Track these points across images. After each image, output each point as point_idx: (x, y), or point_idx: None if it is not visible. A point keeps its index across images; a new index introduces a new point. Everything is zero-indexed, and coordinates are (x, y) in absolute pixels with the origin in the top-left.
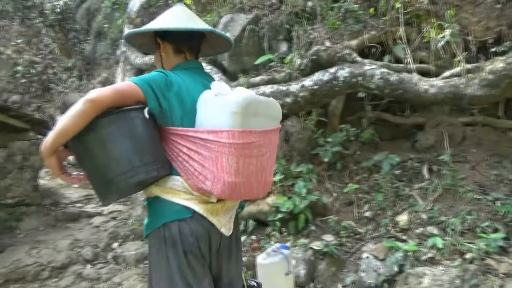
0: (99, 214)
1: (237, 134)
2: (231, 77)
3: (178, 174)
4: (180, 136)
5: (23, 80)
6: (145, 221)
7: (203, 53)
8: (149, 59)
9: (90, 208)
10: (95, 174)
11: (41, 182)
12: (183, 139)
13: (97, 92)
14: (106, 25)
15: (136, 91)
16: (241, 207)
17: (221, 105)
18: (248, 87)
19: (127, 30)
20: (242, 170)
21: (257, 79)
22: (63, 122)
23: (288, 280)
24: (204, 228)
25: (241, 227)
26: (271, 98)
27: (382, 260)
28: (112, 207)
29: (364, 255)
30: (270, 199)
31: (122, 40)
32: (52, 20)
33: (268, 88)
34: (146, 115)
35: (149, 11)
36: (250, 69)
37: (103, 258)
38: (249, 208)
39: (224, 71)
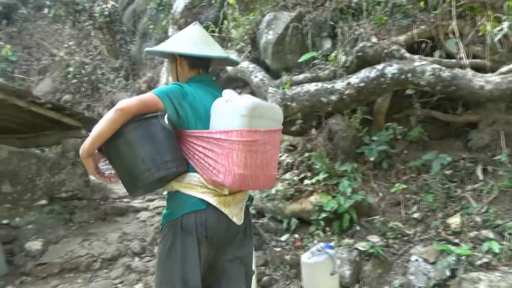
0: (145, 209)
1: (245, 133)
2: (273, 75)
3: (194, 171)
4: (196, 138)
5: (74, 81)
6: (164, 212)
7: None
8: None
9: (136, 203)
10: (124, 172)
11: (92, 177)
12: (198, 139)
13: (126, 102)
14: (151, 26)
15: (157, 102)
16: (250, 200)
17: (231, 110)
18: (291, 85)
19: (171, 31)
20: (249, 164)
21: (300, 76)
22: (99, 128)
23: (333, 280)
24: (216, 217)
25: (284, 225)
26: (274, 104)
27: (433, 263)
28: (157, 203)
29: (413, 257)
30: (314, 198)
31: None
32: (100, 23)
33: (312, 86)
34: (166, 121)
35: (193, 11)
36: (293, 67)
37: (150, 252)
38: (292, 207)
39: (266, 69)
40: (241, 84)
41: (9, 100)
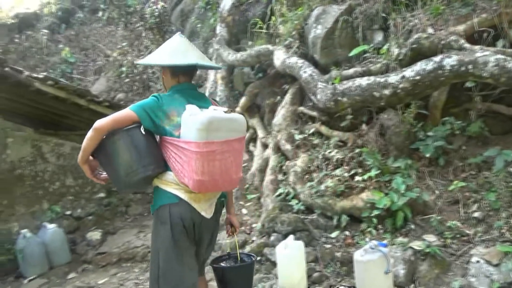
0: None
1: (202, 144)
2: (322, 70)
3: (170, 170)
4: (170, 143)
5: (127, 80)
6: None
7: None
8: (240, 55)
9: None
10: (112, 175)
11: None
12: (172, 145)
13: (100, 122)
14: (199, 25)
15: (132, 116)
16: (224, 196)
17: (192, 123)
18: (341, 80)
19: (219, 29)
20: (207, 171)
21: (351, 71)
22: (83, 143)
23: (387, 279)
24: (188, 211)
25: (334, 222)
26: (236, 115)
27: (496, 265)
28: None
29: (474, 259)
30: (365, 195)
31: (214, 39)
32: (151, 24)
33: (364, 80)
34: (142, 132)
35: (240, 8)
36: (343, 61)
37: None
38: (342, 203)
39: (315, 64)
40: (289, 80)
41: (71, 99)
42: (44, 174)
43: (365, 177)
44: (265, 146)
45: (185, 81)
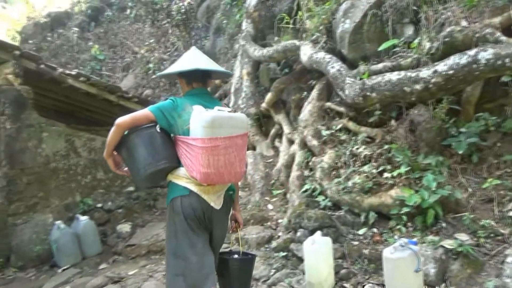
0: None
1: (206, 140)
2: (350, 65)
3: (183, 166)
4: (182, 141)
5: (154, 76)
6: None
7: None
8: (267, 51)
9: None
10: (131, 168)
11: None
12: (183, 143)
13: (120, 120)
14: (224, 21)
15: (150, 116)
16: (232, 190)
17: (198, 121)
18: (369, 75)
19: (245, 25)
20: (212, 164)
21: (379, 66)
22: (107, 138)
23: (417, 277)
24: (198, 201)
25: (362, 218)
26: (238, 113)
27: None
28: None
29: (509, 259)
30: (394, 192)
31: (240, 35)
32: (177, 20)
33: (394, 75)
34: (158, 130)
35: (266, 4)
36: (371, 56)
37: (228, 239)
38: (370, 200)
39: (342, 59)
40: (315, 75)
41: (102, 95)
42: (76, 167)
43: (394, 173)
44: (291, 142)
45: (198, 86)
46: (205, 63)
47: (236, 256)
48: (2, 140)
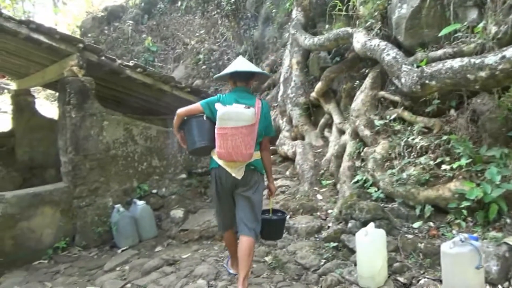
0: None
1: (219, 128)
2: (406, 52)
3: None
4: (218, 129)
5: (204, 67)
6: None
7: (256, 79)
8: (318, 39)
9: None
10: (187, 142)
11: None
12: (218, 130)
13: (179, 110)
14: (273, 10)
15: (199, 108)
16: (251, 165)
17: (217, 114)
18: (427, 62)
19: (295, 13)
20: (223, 146)
21: (439, 52)
22: (174, 120)
23: (477, 274)
24: (224, 172)
25: (417, 211)
26: (246, 110)
27: None
28: (280, 182)
29: None
30: (453, 185)
31: (290, 24)
32: (227, 11)
33: (456, 62)
34: (204, 118)
35: None
36: (430, 42)
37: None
38: (427, 193)
39: (398, 46)
40: (368, 63)
41: (157, 85)
42: (134, 155)
43: (454, 166)
44: (341, 132)
45: (241, 85)
46: (245, 67)
47: (268, 215)
48: (68, 128)
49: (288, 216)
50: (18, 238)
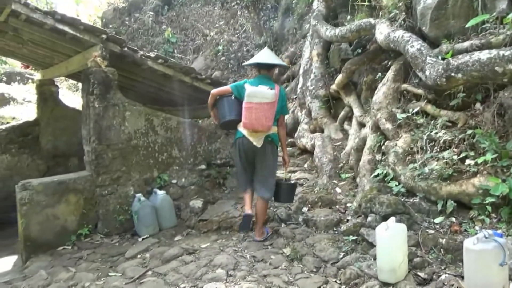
0: (288, 179)
1: (245, 103)
2: (431, 44)
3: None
4: (245, 104)
5: (223, 58)
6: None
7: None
8: (339, 30)
9: (279, 173)
10: (219, 117)
11: None
12: (245, 105)
13: (213, 91)
14: (294, 1)
15: (229, 89)
16: (269, 137)
17: (245, 93)
18: (453, 54)
19: (316, 4)
20: (248, 117)
21: (465, 44)
22: (208, 99)
23: (501, 271)
24: (246, 141)
25: (439, 207)
26: (268, 90)
27: None
28: (298, 174)
29: None
30: (477, 180)
31: (311, 15)
32: (246, 1)
33: (484, 54)
34: (232, 98)
35: None
36: (456, 33)
37: (295, 220)
38: (449, 188)
39: (423, 38)
40: (391, 55)
41: (177, 76)
42: (154, 145)
43: (479, 161)
44: (361, 125)
45: (263, 73)
46: (267, 58)
47: (283, 181)
48: (92, 118)
49: (298, 184)
50: (43, 224)
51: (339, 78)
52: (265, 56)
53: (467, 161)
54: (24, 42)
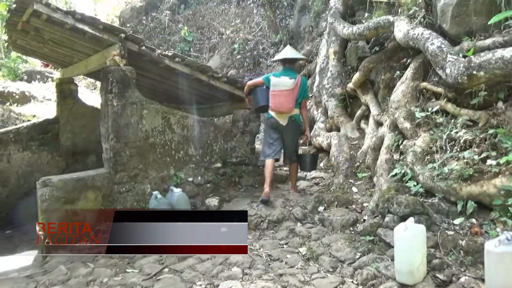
0: (303, 178)
1: (271, 91)
2: (451, 41)
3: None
4: (271, 91)
5: (238, 56)
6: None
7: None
8: (357, 28)
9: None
10: (253, 103)
11: (257, 146)
12: (270, 93)
13: (249, 82)
14: None
15: (261, 81)
16: (292, 117)
17: (271, 83)
18: (474, 52)
19: (333, 2)
20: (273, 102)
21: (487, 41)
22: (244, 89)
23: None
24: (275, 120)
25: (458, 207)
26: (287, 79)
27: None
28: (314, 173)
29: None
30: (499, 181)
31: (327, 12)
32: (263, 0)
33: (508, 52)
34: (264, 87)
35: None
36: (478, 30)
37: (311, 219)
38: (470, 188)
39: (443, 35)
40: (410, 53)
41: (194, 74)
42: (171, 143)
43: (501, 161)
44: (378, 124)
45: (288, 66)
46: (290, 54)
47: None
48: (110, 116)
49: (319, 154)
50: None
51: (356, 76)
52: (288, 52)
53: (489, 161)
54: (45, 41)
